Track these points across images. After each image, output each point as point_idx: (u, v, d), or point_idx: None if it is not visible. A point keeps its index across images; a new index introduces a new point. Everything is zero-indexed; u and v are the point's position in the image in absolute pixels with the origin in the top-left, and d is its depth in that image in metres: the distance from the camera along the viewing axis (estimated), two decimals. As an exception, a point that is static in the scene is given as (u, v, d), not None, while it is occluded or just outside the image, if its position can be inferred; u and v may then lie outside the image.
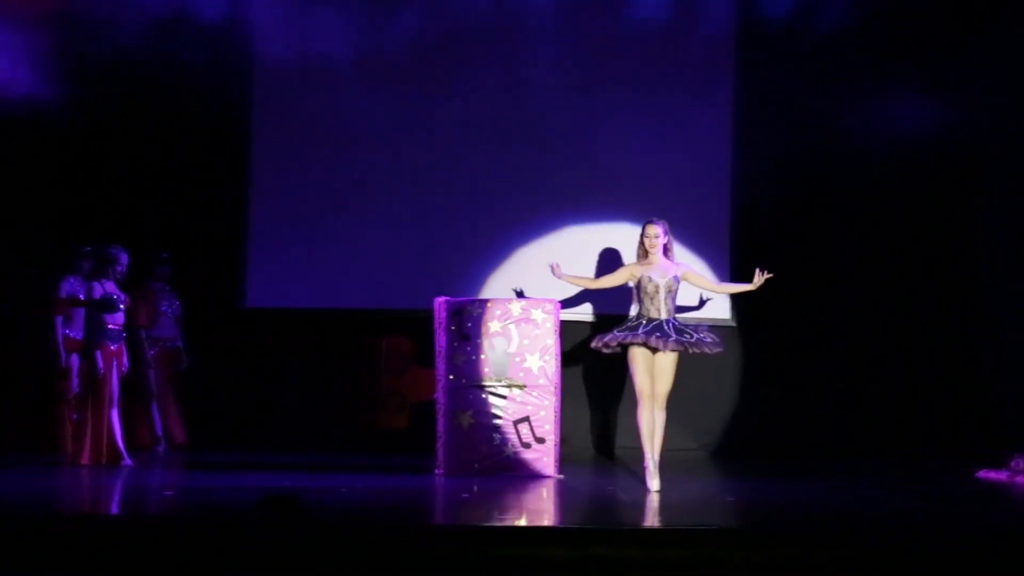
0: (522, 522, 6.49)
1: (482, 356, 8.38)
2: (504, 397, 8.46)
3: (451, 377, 8.50)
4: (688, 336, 7.65)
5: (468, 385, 8.49)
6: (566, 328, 9.01)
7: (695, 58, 10.40)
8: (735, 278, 9.93)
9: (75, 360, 9.17)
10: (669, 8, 10.16)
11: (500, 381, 8.46)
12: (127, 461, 8.63)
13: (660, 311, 7.73)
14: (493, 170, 10.33)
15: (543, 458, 8.41)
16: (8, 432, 9.63)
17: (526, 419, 8.41)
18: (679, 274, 7.86)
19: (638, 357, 7.67)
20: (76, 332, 9.15)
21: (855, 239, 10.33)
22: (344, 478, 8.03)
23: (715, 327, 8.82)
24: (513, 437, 8.41)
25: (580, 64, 10.32)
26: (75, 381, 9.15)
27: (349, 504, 6.93)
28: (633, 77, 10.34)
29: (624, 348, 7.76)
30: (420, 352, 9.63)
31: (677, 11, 10.18)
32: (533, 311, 8.41)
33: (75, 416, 8.95)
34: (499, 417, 8.45)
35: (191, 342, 10.16)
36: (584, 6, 10.31)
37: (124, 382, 8.95)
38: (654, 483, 7.58)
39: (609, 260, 9.55)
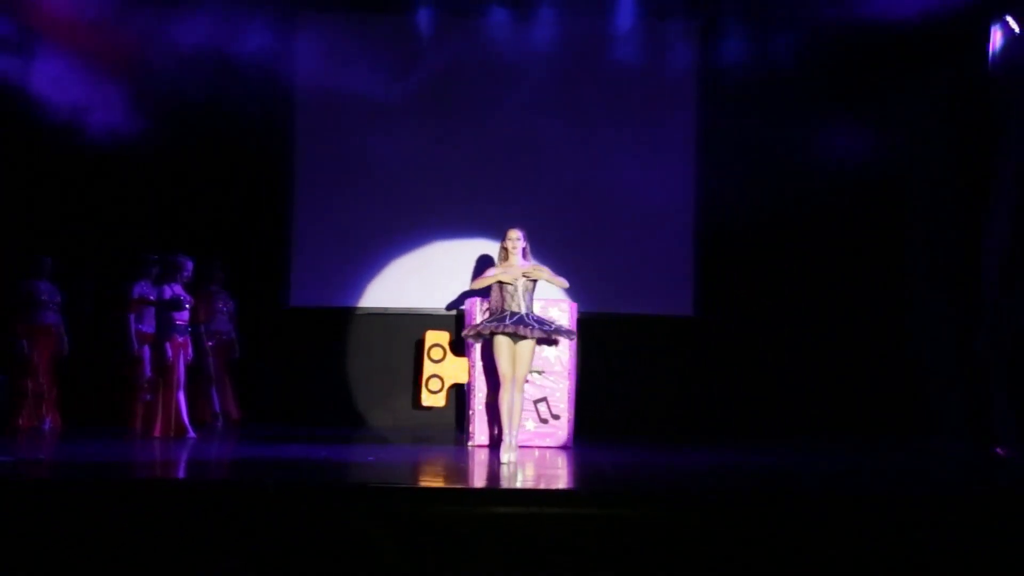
0: (541, 485, 6.87)
1: (506, 346, 8.88)
2: (526, 381, 8.70)
3: (481, 363, 9.10)
4: (548, 327, 7.91)
5: (495, 370, 8.83)
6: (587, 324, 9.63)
7: (661, 95, 11.04)
8: (698, 282, 10.91)
9: (147, 350, 9.76)
10: (639, 54, 10.80)
11: (522, 368, 9.03)
12: (191, 434, 9.28)
13: (521, 307, 7.89)
14: (495, 189, 10.93)
15: (558, 432, 9.01)
16: (89, 410, 10.14)
17: (544, 399, 8.98)
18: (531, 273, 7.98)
19: (503, 345, 7.82)
20: (147, 327, 9.76)
21: (803, 250, 10.94)
22: (391, 449, 8.60)
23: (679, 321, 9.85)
24: (533, 414, 8.99)
25: (563, 101, 10.96)
26: (147, 368, 9.72)
27: (394, 468, 7.39)
28: (608, 112, 10.98)
29: (491, 337, 7.92)
30: (455, 343, 9.89)
31: (645, 57, 10.82)
32: (550, 309, 8.87)
33: (148, 397, 9.54)
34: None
35: (243, 335, 10.83)
36: (566, 53, 10.91)
37: (189, 369, 9.58)
38: (507, 456, 7.73)
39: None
